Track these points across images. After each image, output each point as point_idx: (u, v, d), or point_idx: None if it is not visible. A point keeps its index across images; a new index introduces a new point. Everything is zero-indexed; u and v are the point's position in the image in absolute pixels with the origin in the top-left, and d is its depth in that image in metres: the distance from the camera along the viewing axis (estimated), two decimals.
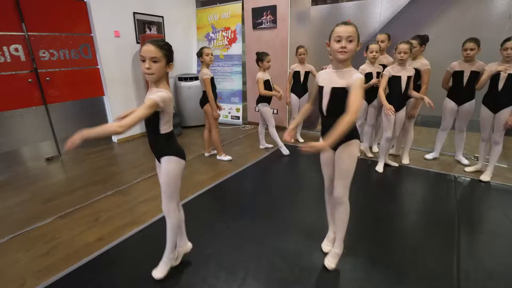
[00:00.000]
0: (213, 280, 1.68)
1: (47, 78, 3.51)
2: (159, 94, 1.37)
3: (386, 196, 2.69)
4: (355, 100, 1.35)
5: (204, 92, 3.25)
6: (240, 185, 2.99)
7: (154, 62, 1.38)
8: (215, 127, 3.41)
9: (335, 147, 1.58)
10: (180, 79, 4.88)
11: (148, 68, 1.37)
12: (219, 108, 3.37)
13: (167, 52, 1.41)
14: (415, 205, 2.57)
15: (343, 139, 1.47)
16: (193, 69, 5.44)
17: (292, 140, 1.78)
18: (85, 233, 2.20)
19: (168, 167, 1.53)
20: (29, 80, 3.37)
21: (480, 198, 2.64)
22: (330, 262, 1.75)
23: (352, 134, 1.52)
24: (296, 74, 3.85)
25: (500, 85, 2.67)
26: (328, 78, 1.53)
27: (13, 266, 1.88)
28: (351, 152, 1.55)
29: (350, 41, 1.39)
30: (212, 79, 3.19)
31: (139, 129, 4.56)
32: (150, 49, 1.36)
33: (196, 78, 4.93)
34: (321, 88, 1.56)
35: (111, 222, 2.34)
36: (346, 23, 1.42)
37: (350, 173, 1.59)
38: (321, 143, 1.34)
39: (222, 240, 2.07)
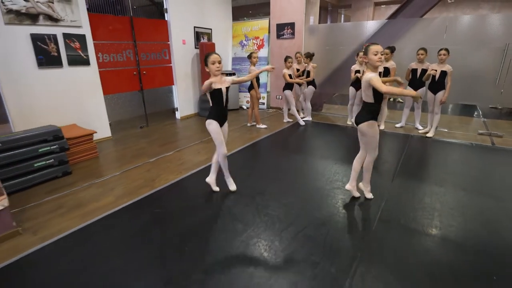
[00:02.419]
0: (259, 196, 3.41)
1: (144, 72, 5.22)
2: (231, 77, 2.69)
3: None
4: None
5: (252, 82, 4.97)
6: (272, 141, 4.70)
7: (219, 63, 2.51)
8: (257, 105, 5.14)
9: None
10: (222, 74, 6.58)
11: (218, 67, 2.50)
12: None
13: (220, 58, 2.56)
14: (383, 151, 4.30)
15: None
16: (229, 67, 7.16)
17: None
18: (196, 157, 3.91)
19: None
20: (134, 73, 5.09)
21: (425, 147, 4.35)
22: (369, 194, 2.72)
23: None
24: (297, 70, 5.46)
25: (436, 78, 4.40)
26: None
27: (168, 168, 3.59)
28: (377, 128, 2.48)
29: (382, 54, 2.21)
30: None
31: (193, 110, 6.29)
32: (217, 56, 2.50)
33: (232, 74, 6.63)
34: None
35: (206, 154, 4.04)
36: (377, 43, 2.26)
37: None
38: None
39: (261, 171, 3.80)
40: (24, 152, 3.04)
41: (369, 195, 2.76)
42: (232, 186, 2.95)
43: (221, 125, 2.73)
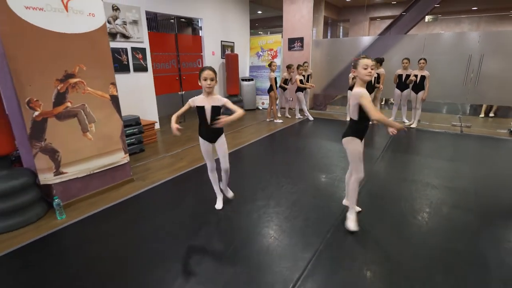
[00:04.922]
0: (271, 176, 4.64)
1: (184, 77, 6.47)
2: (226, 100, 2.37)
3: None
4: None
5: (271, 85, 6.22)
6: (287, 133, 5.92)
7: (212, 80, 2.27)
8: (275, 104, 6.38)
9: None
10: (243, 79, 7.85)
11: (209, 84, 2.27)
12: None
13: (216, 74, 2.33)
14: (373, 138, 5.52)
15: None
16: (247, 74, 8.44)
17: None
18: (235, 141, 5.12)
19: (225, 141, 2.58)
20: (176, 78, 6.34)
21: (408, 134, 5.57)
22: (351, 223, 2.34)
23: None
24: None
25: (417, 81, 5.65)
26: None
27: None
28: None
29: (372, 68, 2.08)
30: (275, 78, 6.17)
31: None
32: (210, 73, 2.26)
33: (250, 80, 7.90)
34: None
35: (241, 139, 5.25)
36: (368, 57, 2.10)
37: None
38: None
39: (283, 149, 5.03)
40: None
41: (351, 224, 2.34)
42: (219, 204, 2.87)
43: (211, 141, 2.59)
